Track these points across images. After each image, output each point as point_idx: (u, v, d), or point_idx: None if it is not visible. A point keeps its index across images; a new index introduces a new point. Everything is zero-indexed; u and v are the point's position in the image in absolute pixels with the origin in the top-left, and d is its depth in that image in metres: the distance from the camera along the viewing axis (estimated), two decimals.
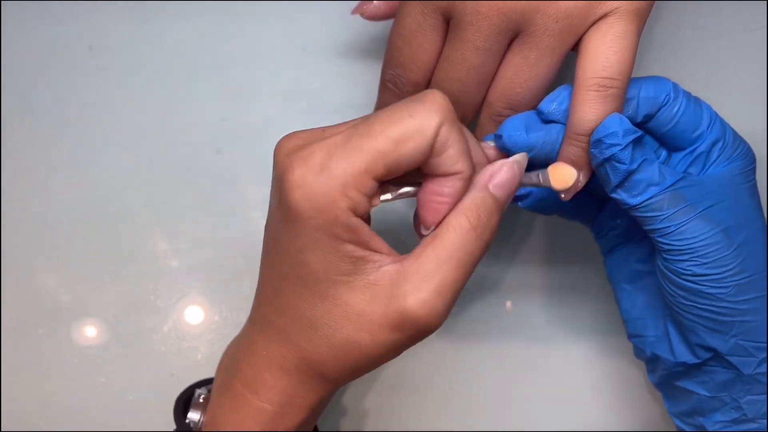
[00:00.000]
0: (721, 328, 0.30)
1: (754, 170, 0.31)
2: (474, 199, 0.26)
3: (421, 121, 0.25)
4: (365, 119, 0.26)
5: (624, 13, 0.28)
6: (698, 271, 0.28)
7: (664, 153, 0.32)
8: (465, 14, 0.29)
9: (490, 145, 0.30)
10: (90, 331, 0.39)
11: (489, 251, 0.32)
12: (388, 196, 0.27)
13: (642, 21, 0.29)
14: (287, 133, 0.40)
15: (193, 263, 0.39)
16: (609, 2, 0.28)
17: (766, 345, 0.30)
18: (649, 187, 0.28)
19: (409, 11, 0.30)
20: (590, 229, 0.36)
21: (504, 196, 0.27)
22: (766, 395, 0.30)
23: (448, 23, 0.30)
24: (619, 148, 0.27)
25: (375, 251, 0.26)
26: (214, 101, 0.40)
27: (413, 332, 0.26)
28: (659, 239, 0.29)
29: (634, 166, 0.28)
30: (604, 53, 0.28)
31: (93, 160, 0.40)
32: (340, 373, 0.28)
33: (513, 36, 0.29)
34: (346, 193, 0.24)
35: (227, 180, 0.40)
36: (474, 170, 0.27)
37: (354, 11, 0.35)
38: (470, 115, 0.31)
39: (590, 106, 0.28)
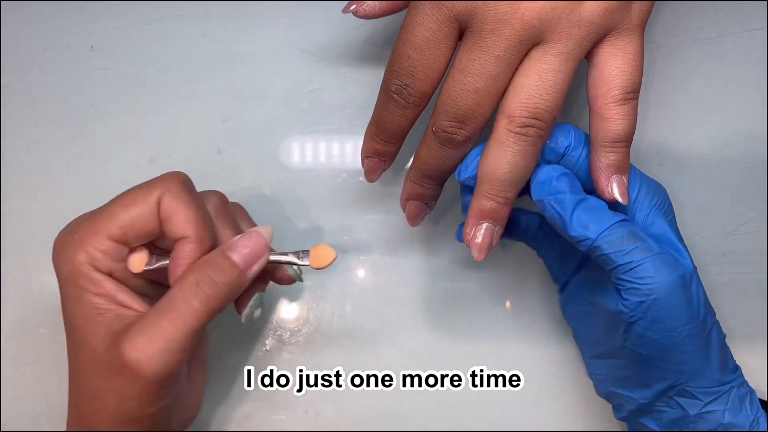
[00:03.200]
0: (667, 376, 0.31)
1: (672, 215, 0.33)
2: (205, 257, 0.30)
3: (146, 190, 0.29)
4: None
5: (636, 28, 0.29)
6: (654, 314, 0.29)
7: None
8: (485, 22, 0.28)
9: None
10: None
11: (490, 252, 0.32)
12: (150, 265, 0.30)
13: (644, 30, 0.30)
14: (285, 133, 0.40)
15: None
16: (627, 13, 0.29)
17: (710, 390, 0.31)
18: (597, 222, 0.29)
19: (421, 19, 0.29)
20: (546, 265, 0.38)
21: (243, 261, 0.30)
22: None
23: (461, 33, 0.29)
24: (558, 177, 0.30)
25: (124, 306, 0.29)
26: (215, 102, 0.40)
27: (132, 377, 0.28)
28: (622, 277, 0.29)
29: (576, 199, 0.30)
30: (626, 71, 0.29)
31: (93, 160, 0.40)
32: (106, 425, 0.29)
33: (533, 45, 0.29)
34: (84, 249, 0.29)
35: (228, 180, 0.40)
36: (210, 237, 0.30)
37: (345, 9, 0.33)
38: (479, 131, 0.31)
39: (620, 116, 0.30)
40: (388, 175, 0.38)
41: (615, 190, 0.30)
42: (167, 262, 0.30)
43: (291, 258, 0.31)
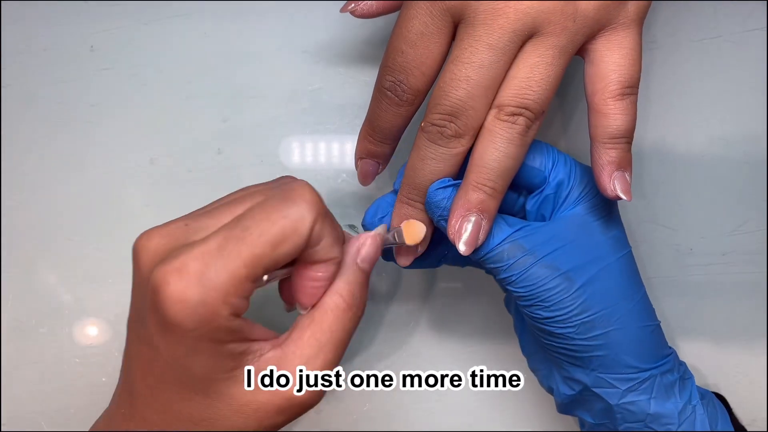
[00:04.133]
0: (581, 363, 0.31)
1: (606, 203, 0.32)
2: (347, 277, 0.28)
3: (296, 222, 0.25)
4: (238, 220, 0.26)
5: (633, 23, 0.29)
6: (544, 314, 0.30)
7: (521, 199, 0.33)
8: (478, 12, 0.28)
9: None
10: (91, 331, 0.39)
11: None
12: (260, 283, 0.27)
13: (642, 27, 0.30)
14: (285, 133, 0.40)
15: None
16: (623, 8, 0.29)
17: (626, 377, 0.31)
18: (486, 242, 0.30)
19: (415, 13, 0.29)
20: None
21: (369, 267, 0.29)
22: (641, 423, 0.31)
23: (455, 28, 0.29)
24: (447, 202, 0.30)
25: (255, 341, 0.27)
26: (215, 102, 0.40)
27: (297, 412, 0.28)
28: (508, 288, 0.30)
29: None
30: (623, 66, 0.29)
31: (93, 160, 0.40)
32: None
33: (527, 38, 0.28)
34: (227, 301, 0.24)
35: (228, 180, 0.40)
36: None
37: (343, 9, 0.33)
38: (471, 131, 0.29)
39: (619, 111, 0.29)
40: (386, 175, 0.38)
41: (617, 188, 0.30)
42: (281, 272, 0.28)
43: (390, 240, 0.31)
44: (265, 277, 0.27)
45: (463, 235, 0.29)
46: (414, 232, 0.31)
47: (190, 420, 0.27)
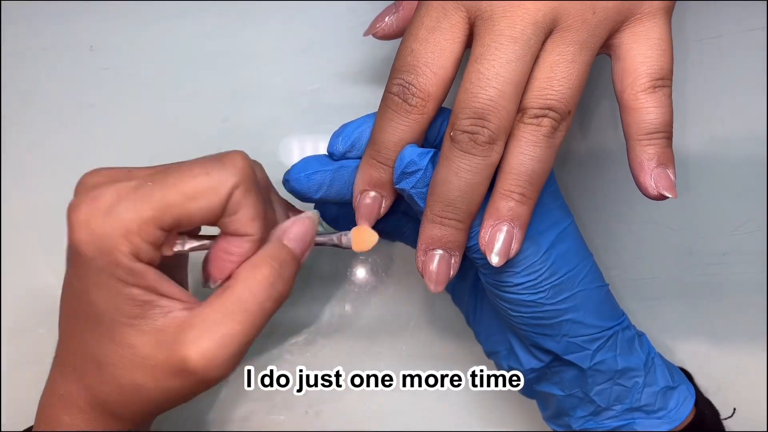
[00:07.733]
0: (550, 332, 0.30)
1: (552, 176, 0.31)
2: (268, 251, 0.27)
3: (216, 181, 0.25)
4: (165, 168, 0.26)
5: (659, 12, 0.28)
6: (515, 281, 0.29)
7: None
8: (496, 6, 0.26)
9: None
10: None
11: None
12: (181, 247, 0.27)
13: (671, 16, 0.29)
14: (285, 133, 0.40)
15: (193, 263, 0.39)
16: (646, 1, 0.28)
17: (594, 337, 0.31)
18: None
19: (426, 11, 0.27)
20: None
21: (299, 249, 0.28)
22: (610, 381, 0.31)
23: (470, 28, 0.27)
24: (422, 171, 0.28)
25: (164, 296, 0.26)
26: (215, 102, 0.40)
27: (193, 381, 0.26)
28: (473, 256, 0.29)
29: None
30: (652, 57, 0.28)
31: (93, 160, 0.40)
32: (130, 414, 0.28)
33: (548, 31, 0.27)
34: (128, 238, 0.24)
35: None
36: (266, 234, 0.27)
37: (366, 33, 0.32)
38: (504, 132, 0.27)
39: (651, 104, 0.28)
40: None
41: (659, 186, 0.28)
42: (202, 243, 0.27)
43: (334, 240, 0.30)
44: (187, 245, 0.27)
45: (495, 246, 0.27)
46: (364, 239, 0.29)
47: (97, 363, 0.27)
